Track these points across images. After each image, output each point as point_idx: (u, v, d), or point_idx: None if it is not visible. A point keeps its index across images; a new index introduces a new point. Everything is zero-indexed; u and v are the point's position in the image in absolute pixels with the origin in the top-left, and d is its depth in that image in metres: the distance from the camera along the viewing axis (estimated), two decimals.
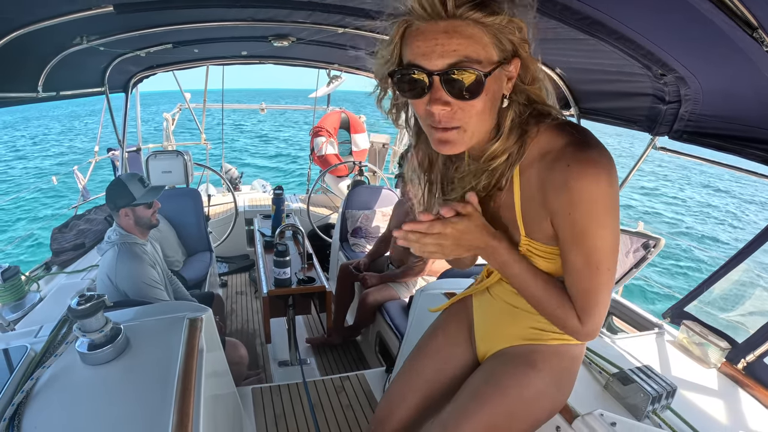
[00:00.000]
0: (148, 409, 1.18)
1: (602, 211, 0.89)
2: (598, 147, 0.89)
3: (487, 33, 0.83)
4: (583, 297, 0.98)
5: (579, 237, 0.92)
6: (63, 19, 1.84)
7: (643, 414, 1.48)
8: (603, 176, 0.87)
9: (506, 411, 1.17)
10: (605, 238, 0.91)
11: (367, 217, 4.45)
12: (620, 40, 1.51)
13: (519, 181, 1.00)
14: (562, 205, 0.91)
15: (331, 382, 2.85)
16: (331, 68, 4.63)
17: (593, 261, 0.93)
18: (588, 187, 0.87)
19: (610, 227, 0.91)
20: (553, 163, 0.91)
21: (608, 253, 0.93)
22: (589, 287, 0.96)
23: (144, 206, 2.46)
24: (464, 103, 0.86)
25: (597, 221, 0.90)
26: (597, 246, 0.92)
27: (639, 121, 2.09)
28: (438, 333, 1.47)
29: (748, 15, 1.02)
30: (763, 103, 1.45)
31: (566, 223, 0.93)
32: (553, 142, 0.93)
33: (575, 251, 0.94)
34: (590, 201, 0.88)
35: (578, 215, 0.90)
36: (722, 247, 14.14)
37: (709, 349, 1.97)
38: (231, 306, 4.47)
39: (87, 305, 1.30)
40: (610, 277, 0.96)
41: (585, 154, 0.88)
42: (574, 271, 0.97)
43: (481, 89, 0.84)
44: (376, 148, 7.19)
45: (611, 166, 0.88)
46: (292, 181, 19.33)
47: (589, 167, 0.87)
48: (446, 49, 0.82)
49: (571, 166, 0.88)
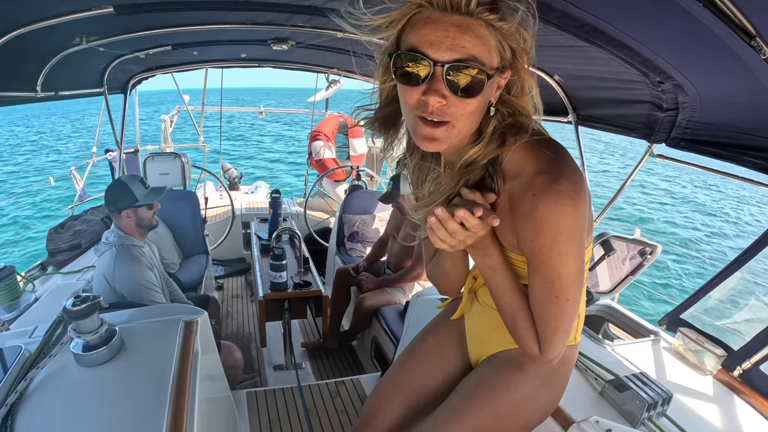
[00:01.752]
0: (142, 411, 1.17)
1: (564, 241, 0.89)
2: (569, 174, 0.88)
3: (495, 37, 0.83)
4: (542, 322, 0.99)
5: (541, 265, 0.93)
6: (63, 19, 1.84)
7: (638, 421, 1.48)
8: (568, 208, 0.86)
9: (495, 413, 1.18)
10: (568, 264, 0.92)
11: (364, 221, 4.44)
12: (618, 47, 1.52)
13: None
14: (526, 233, 0.92)
15: (326, 386, 2.84)
16: (330, 72, 4.64)
17: (554, 290, 0.94)
18: (550, 218, 0.87)
19: (572, 255, 0.91)
20: (522, 187, 0.91)
21: (569, 283, 0.94)
22: (548, 314, 0.97)
23: (145, 207, 2.47)
24: (460, 100, 0.84)
25: (558, 250, 0.90)
26: (559, 274, 0.92)
27: (637, 129, 2.10)
28: (428, 337, 1.48)
29: (746, 23, 1.02)
30: (760, 111, 1.46)
31: (529, 250, 0.94)
32: (525, 163, 0.92)
33: (538, 277, 0.96)
34: (552, 231, 0.88)
35: (540, 244, 0.90)
36: (719, 255, 14.17)
37: (705, 356, 1.97)
38: (227, 309, 4.45)
39: (82, 306, 1.29)
40: (571, 306, 0.96)
41: (551, 185, 0.87)
42: (535, 295, 0.98)
43: (480, 90, 0.84)
44: (374, 153, 7.19)
45: (579, 194, 0.87)
46: (289, 183, 19.31)
47: (553, 199, 0.86)
48: (456, 44, 0.80)
49: (537, 196, 0.87)
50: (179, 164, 4.07)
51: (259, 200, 6.13)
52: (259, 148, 30.62)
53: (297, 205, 5.85)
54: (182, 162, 4.08)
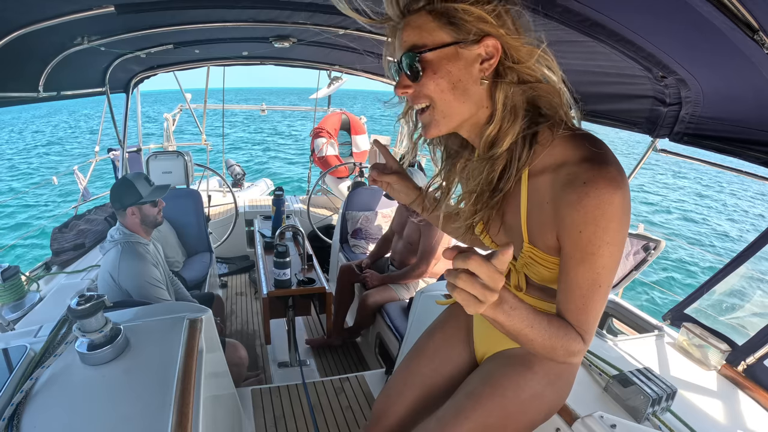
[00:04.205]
0: (148, 409, 1.17)
1: (614, 230, 0.87)
2: (615, 164, 0.88)
3: (434, 19, 0.90)
4: (581, 312, 0.95)
5: (588, 256, 0.90)
6: (64, 19, 1.85)
7: (643, 416, 1.48)
8: (618, 196, 0.85)
9: (502, 411, 1.18)
10: (613, 255, 0.90)
11: (368, 218, 4.45)
12: (621, 42, 1.51)
13: (527, 186, 0.99)
14: (573, 223, 0.89)
15: (330, 383, 2.85)
16: (332, 69, 4.63)
17: (598, 280, 0.92)
18: (602, 207, 0.85)
19: (619, 244, 0.89)
20: (568, 177, 0.89)
21: (612, 270, 0.92)
22: (591, 304, 0.94)
23: (150, 204, 2.49)
24: (417, 84, 0.94)
25: (608, 240, 0.88)
26: (604, 264, 0.90)
27: (639, 124, 2.09)
28: (436, 334, 1.48)
29: (749, 17, 1.01)
30: (763, 106, 1.45)
31: (575, 241, 0.90)
32: (569, 154, 0.92)
33: (581, 269, 0.92)
34: (604, 219, 0.86)
35: (590, 234, 0.88)
36: (723, 250, 14.13)
37: (709, 351, 1.97)
38: (231, 307, 4.46)
39: (87, 305, 1.30)
40: (608, 291, 0.95)
41: (601, 172, 0.86)
42: (576, 287, 0.94)
43: (430, 67, 0.92)
44: (377, 149, 7.19)
45: (625, 183, 0.87)
46: (292, 180, 19.32)
47: (605, 186, 0.85)
48: (403, 42, 0.94)
49: (587, 184, 0.86)
50: (182, 162, 4.08)
51: (262, 198, 6.14)
52: (261, 146, 30.64)
53: (300, 202, 5.86)
54: (185, 160, 4.09)
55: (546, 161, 0.95)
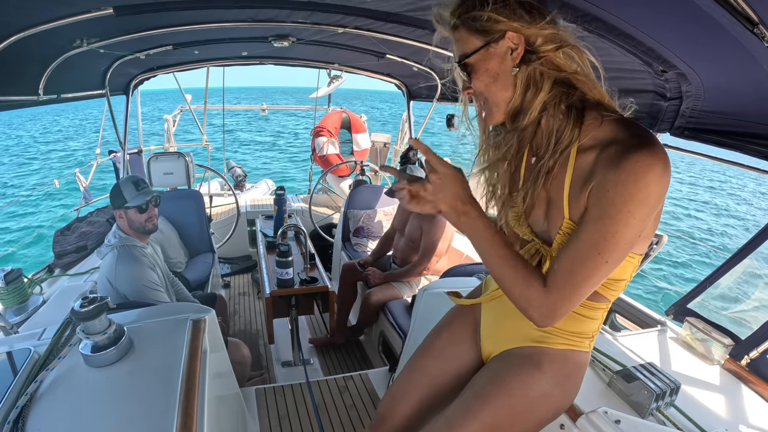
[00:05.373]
0: (153, 410, 1.18)
1: (640, 201, 0.88)
2: (662, 148, 0.89)
3: (467, 30, 1.04)
4: (566, 273, 0.96)
5: (605, 216, 0.90)
6: (63, 22, 1.85)
7: (647, 411, 1.48)
8: (657, 168, 0.86)
9: (510, 411, 1.17)
10: (630, 226, 0.89)
11: (369, 216, 4.45)
12: (621, 36, 1.51)
13: (574, 162, 1.01)
14: (605, 181, 0.91)
15: (334, 382, 2.85)
16: (331, 68, 4.63)
17: (601, 245, 0.91)
18: (636, 172, 0.87)
19: (638, 219, 0.89)
20: (617, 149, 0.91)
21: (620, 245, 0.91)
22: (577, 268, 0.94)
23: (136, 210, 2.39)
24: (472, 85, 1.09)
25: (629, 208, 0.88)
26: (616, 231, 0.90)
27: (640, 118, 2.09)
28: (443, 332, 1.47)
29: (749, 10, 1.01)
30: (764, 99, 1.45)
31: (599, 199, 0.92)
32: (620, 133, 0.95)
33: (590, 227, 0.93)
34: (634, 185, 0.87)
35: (616, 194, 0.89)
36: (726, 244, 14.10)
37: (712, 345, 1.97)
38: (234, 307, 4.47)
39: (90, 307, 1.30)
40: (605, 270, 0.94)
41: (647, 146, 0.88)
42: (575, 245, 0.95)
43: (477, 68, 1.06)
44: (378, 148, 7.19)
45: (667, 166, 0.88)
46: (293, 179, 19.33)
47: (646, 155, 0.87)
48: (455, 54, 1.10)
49: (630, 149, 0.89)
50: (183, 163, 4.08)
51: (263, 197, 6.14)
52: (262, 146, 30.64)
53: (301, 201, 5.86)
54: (186, 161, 4.09)
55: (596, 138, 0.98)
